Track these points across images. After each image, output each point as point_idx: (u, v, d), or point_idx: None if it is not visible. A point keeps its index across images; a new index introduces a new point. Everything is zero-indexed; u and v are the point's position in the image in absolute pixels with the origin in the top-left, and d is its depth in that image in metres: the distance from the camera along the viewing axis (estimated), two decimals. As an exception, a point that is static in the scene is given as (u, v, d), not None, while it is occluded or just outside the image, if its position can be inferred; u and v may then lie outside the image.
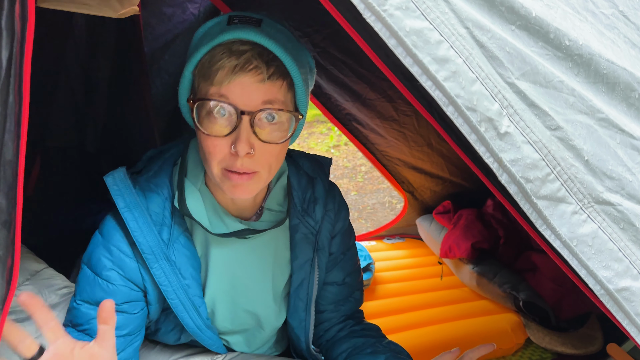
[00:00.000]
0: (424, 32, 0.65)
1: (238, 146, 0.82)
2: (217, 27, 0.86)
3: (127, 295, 0.94)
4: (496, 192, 0.78)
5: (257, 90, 0.82)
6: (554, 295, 1.96)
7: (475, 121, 0.68)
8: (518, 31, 0.72)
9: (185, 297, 0.95)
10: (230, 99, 0.82)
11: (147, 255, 0.91)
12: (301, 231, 1.04)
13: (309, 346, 1.12)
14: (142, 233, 0.90)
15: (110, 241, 0.92)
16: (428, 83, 0.66)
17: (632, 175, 0.77)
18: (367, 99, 2.15)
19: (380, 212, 4.17)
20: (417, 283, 2.34)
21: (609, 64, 0.77)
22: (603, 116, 0.76)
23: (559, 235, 0.74)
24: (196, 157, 0.98)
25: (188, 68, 0.86)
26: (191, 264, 0.96)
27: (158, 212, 0.93)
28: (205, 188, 0.97)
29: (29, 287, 1.03)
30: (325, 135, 6.00)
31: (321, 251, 1.08)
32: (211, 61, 0.82)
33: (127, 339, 0.97)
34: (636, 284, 0.77)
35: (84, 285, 0.93)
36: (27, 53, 0.61)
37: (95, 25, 1.71)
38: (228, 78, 0.81)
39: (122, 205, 0.90)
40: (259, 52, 0.82)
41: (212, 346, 1.04)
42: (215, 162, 0.86)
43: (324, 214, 1.06)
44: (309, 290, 1.07)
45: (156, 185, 0.94)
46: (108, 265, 0.92)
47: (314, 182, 1.06)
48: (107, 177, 0.93)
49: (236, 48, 0.81)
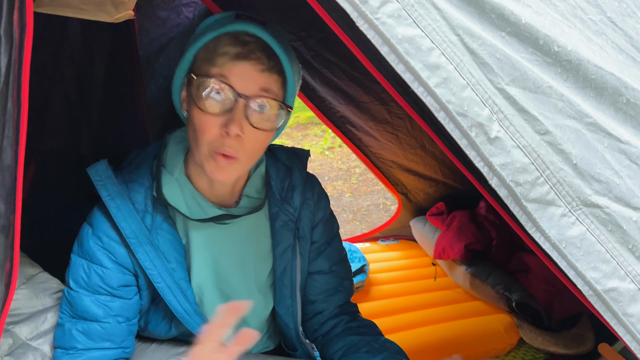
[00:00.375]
0: (415, 40, 0.66)
1: (230, 126, 0.86)
2: (225, 19, 0.91)
3: (122, 279, 0.98)
4: (487, 195, 0.79)
5: (255, 77, 0.88)
6: (546, 295, 1.97)
7: (466, 126, 0.70)
8: (508, 38, 0.73)
9: (171, 280, 0.98)
10: (230, 80, 0.87)
11: (131, 240, 0.94)
12: (281, 219, 1.08)
13: (299, 333, 1.16)
14: (125, 220, 0.94)
15: (99, 229, 0.96)
16: (420, 89, 0.68)
17: (619, 178, 0.79)
18: (361, 101, 2.16)
19: (374, 214, 4.19)
20: (411, 284, 2.36)
21: (597, 69, 0.78)
22: (591, 120, 0.77)
23: (548, 238, 0.76)
24: (175, 148, 1.03)
25: (191, 51, 0.91)
26: (175, 248, 1.00)
27: (140, 200, 0.97)
28: (184, 177, 1.00)
29: (25, 291, 1.04)
30: (319, 137, 6.01)
31: (302, 239, 1.11)
32: (216, 46, 0.88)
33: (125, 326, 1.00)
34: (623, 285, 0.78)
35: (79, 273, 0.96)
36: (26, 60, 0.61)
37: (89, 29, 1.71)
38: (231, 62, 0.87)
39: (105, 195, 0.95)
40: (262, 46, 0.88)
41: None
42: (205, 141, 0.89)
43: (303, 202, 1.10)
44: (293, 276, 1.10)
45: (137, 176, 0.99)
46: (100, 252, 0.96)
47: (291, 171, 1.10)
48: (90, 169, 0.97)
49: (242, 38, 0.88)
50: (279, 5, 1.73)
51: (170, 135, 1.05)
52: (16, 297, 1.01)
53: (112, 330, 0.98)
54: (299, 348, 1.18)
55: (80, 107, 1.85)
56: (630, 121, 0.82)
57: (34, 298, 1.03)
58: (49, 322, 1.04)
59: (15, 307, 1.00)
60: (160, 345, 1.11)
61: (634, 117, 0.82)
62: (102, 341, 0.97)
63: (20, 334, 0.99)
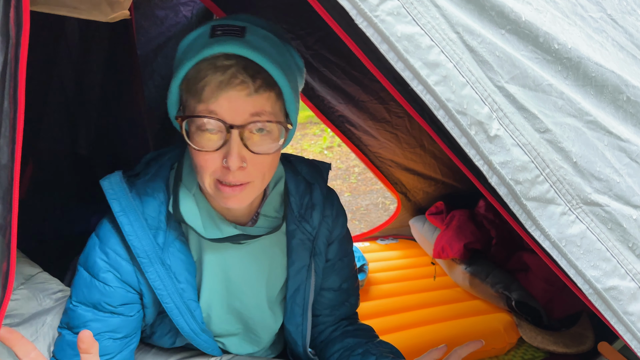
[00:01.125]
0: (415, 38, 0.66)
1: (230, 161, 0.82)
2: (200, 39, 0.85)
3: (124, 297, 0.95)
4: (487, 193, 0.79)
5: (244, 103, 0.82)
6: (546, 294, 1.97)
7: (465, 124, 0.69)
8: (508, 35, 0.73)
9: (180, 301, 0.96)
10: (218, 114, 0.81)
11: (142, 260, 0.91)
12: (298, 237, 1.04)
13: (306, 350, 1.13)
14: (137, 237, 0.91)
15: (107, 244, 0.93)
16: (419, 87, 0.67)
17: (619, 176, 0.79)
18: (360, 100, 2.16)
19: (373, 213, 4.19)
20: (410, 284, 2.35)
21: (598, 67, 0.78)
22: (591, 118, 0.77)
23: (548, 236, 0.75)
24: (191, 162, 0.98)
25: (175, 82, 0.86)
26: (186, 268, 0.97)
27: (154, 216, 0.93)
28: (200, 193, 0.97)
29: (24, 291, 1.03)
30: (318, 136, 6.01)
31: (318, 257, 1.08)
32: (197, 77, 0.82)
33: (123, 341, 0.97)
34: (624, 283, 0.78)
35: (80, 287, 0.94)
36: (22, 58, 0.61)
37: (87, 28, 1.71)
38: (215, 94, 0.81)
39: (118, 209, 0.91)
40: (244, 66, 0.81)
41: (207, 349, 1.04)
42: (207, 174, 0.86)
43: (322, 220, 1.06)
44: (306, 295, 1.07)
45: (152, 189, 0.95)
46: (104, 268, 0.92)
47: (312, 187, 1.06)
48: (103, 181, 0.93)
49: (220, 63, 0.81)
50: (277, 4, 1.73)
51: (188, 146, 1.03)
52: (15, 298, 1.00)
53: (105, 346, 0.95)
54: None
55: (78, 106, 1.85)
56: (631, 119, 0.82)
57: (33, 299, 1.02)
58: (48, 324, 1.02)
59: (14, 307, 1.00)
60: (160, 350, 1.10)
61: (634, 115, 0.82)
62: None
63: (20, 336, 0.98)
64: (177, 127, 0.91)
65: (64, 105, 1.81)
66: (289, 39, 0.92)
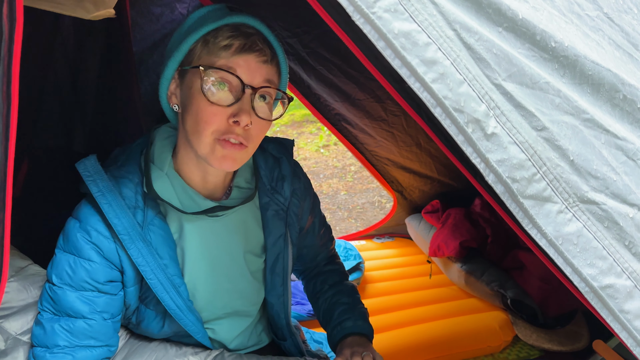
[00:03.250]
0: (412, 35, 0.65)
1: (242, 116, 0.88)
2: (218, 12, 0.93)
3: (109, 274, 0.96)
4: (483, 191, 0.79)
5: (260, 69, 0.90)
6: (541, 293, 1.98)
7: (462, 122, 0.69)
8: (505, 33, 0.73)
9: (164, 276, 0.97)
10: (237, 72, 0.89)
11: (123, 237, 0.93)
12: (272, 208, 1.10)
13: (289, 322, 1.18)
14: (117, 215, 0.93)
15: (88, 223, 0.95)
16: (416, 85, 0.67)
17: (616, 174, 0.79)
18: (356, 99, 2.15)
19: (369, 212, 4.19)
20: (406, 282, 2.36)
21: (594, 65, 0.78)
22: (588, 117, 0.77)
23: (545, 234, 0.75)
24: (162, 144, 1.02)
25: (187, 42, 0.91)
26: (167, 244, 0.99)
27: (130, 196, 0.96)
28: (173, 172, 1.00)
29: (14, 284, 1.02)
30: (314, 135, 6.01)
31: (291, 227, 1.13)
32: (217, 37, 0.89)
33: (110, 322, 0.99)
34: (620, 281, 0.78)
35: (64, 268, 0.94)
36: (16, 54, 0.60)
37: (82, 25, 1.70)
38: (236, 54, 0.88)
39: (96, 190, 0.93)
40: (262, 38, 0.92)
41: (196, 334, 1.05)
42: (209, 131, 0.90)
43: (292, 191, 1.12)
44: (285, 264, 1.12)
45: (127, 172, 0.98)
46: (88, 246, 0.94)
47: (279, 161, 1.12)
48: (79, 164, 0.97)
49: (244, 29, 0.90)
50: (274, 1, 1.73)
51: (156, 131, 1.05)
52: (6, 290, 0.99)
53: (97, 327, 0.97)
54: (288, 338, 1.20)
55: (74, 104, 1.84)
56: (627, 117, 0.82)
57: (24, 291, 1.02)
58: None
59: (5, 300, 0.99)
60: (160, 344, 1.10)
61: (631, 113, 0.82)
62: (87, 339, 0.96)
63: (10, 328, 0.97)
64: (163, 99, 0.98)
65: (59, 103, 1.80)
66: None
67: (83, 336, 0.95)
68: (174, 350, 1.07)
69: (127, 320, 1.08)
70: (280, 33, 1.85)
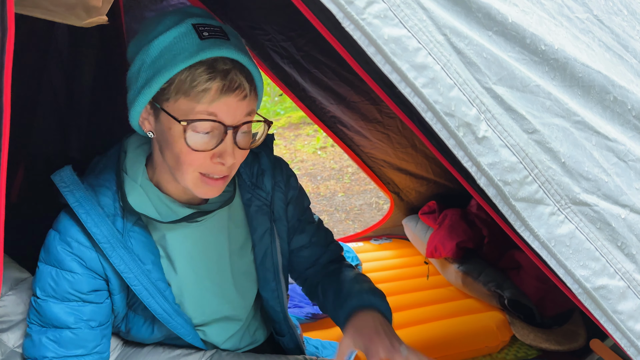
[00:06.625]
0: (402, 40, 0.66)
1: (225, 158, 0.88)
2: (186, 40, 0.85)
3: (92, 284, 0.96)
4: (475, 194, 0.80)
5: (240, 107, 0.88)
6: (538, 292, 1.98)
7: (453, 126, 0.69)
8: (495, 37, 0.73)
9: (148, 282, 0.97)
10: (218, 117, 0.86)
11: (103, 245, 0.93)
12: (255, 204, 1.09)
13: (287, 316, 1.17)
14: (96, 224, 0.93)
15: (67, 234, 0.94)
16: (407, 90, 0.68)
17: (607, 176, 0.79)
18: (351, 101, 2.16)
19: (367, 213, 4.19)
20: (404, 283, 2.36)
21: (584, 67, 0.78)
22: (579, 119, 0.78)
23: (538, 236, 0.76)
24: (134, 154, 1.01)
25: (158, 80, 0.85)
26: (149, 249, 0.99)
27: (109, 204, 0.96)
28: (148, 182, 0.99)
29: (12, 297, 1.02)
30: (311, 137, 6.01)
31: (279, 221, 1.13)
32: (194, 80, 0.83)
33: (98, 330, 0.98)
34: (613, 282, 0.79)
35: (47, 281, 0.94)
36: (7, 63, 0.60)
37: (77, 31, 1.70)
38: (215, 98, 0.84)
39: (73, 201, 0.93)
40: (240, 70, 0.86)
41: (187, 336, 1.05)
42: (190, 170, 0.90)
43: (274, 185, 1.11)
44: (274, 259, 1.11)
45: (104, 180, 0.97)
46: (69, 257, 0.94)
47: (258, 156, 1.11)
48: (54, 176, 0.96)
49: (220, 67, 0.84)
50: (267, 5, 1.73)
51: (127, 140, 1.04)
52: (3, 304, 1.00)
53: (84, 336, 0.96)
54: (286, 334, 1.20)
55: (70, 109, 1.84)
56: (618, 119, 0.82)
57: (22, 304, 1.02)
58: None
59: (3, 313, 0.99)
60: (154, 348, 1.10)
61: (621, 114, 0.82)
62: (75, 348, 0.95)
63: (8, 341, 0.97)
64: (134, 123, 0.93)
65: (55, 109, 1.80)
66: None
67: (71, 346, 0.95)
68: (167, 353, 1.07)
69: (116, 329, 1.08)
70: (274, 36, 1.86)
